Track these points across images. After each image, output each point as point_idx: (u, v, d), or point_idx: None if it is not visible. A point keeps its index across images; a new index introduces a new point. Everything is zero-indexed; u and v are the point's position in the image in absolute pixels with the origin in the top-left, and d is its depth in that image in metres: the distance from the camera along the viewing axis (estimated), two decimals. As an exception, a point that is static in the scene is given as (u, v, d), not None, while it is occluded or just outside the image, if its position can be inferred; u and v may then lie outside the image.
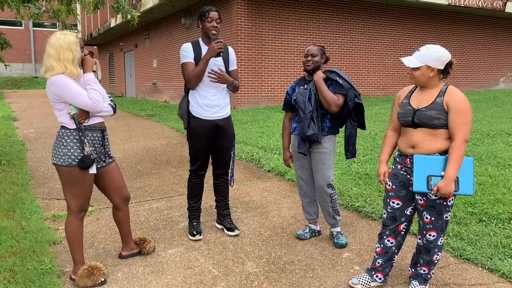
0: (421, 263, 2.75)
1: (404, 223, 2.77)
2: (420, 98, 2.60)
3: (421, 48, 2.55)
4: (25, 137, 8.31)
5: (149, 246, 3.31)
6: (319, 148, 3.37)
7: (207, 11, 3.40)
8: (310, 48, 3.40)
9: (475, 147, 6.41)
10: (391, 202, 2.75)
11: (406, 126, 2.64)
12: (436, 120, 2.48)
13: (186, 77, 3.41)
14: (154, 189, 5.04)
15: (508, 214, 3.87)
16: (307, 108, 3.28)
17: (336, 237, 3.52)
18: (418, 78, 2.55)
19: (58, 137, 2.79)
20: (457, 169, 2.42)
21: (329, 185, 3.40)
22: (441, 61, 2.50)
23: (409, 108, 2.61)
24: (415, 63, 2.53)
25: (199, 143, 3.51)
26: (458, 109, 2.44)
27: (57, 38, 2.70)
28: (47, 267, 3.04)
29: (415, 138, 2.57)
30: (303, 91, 3.36)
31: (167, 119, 10.36)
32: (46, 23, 29.51)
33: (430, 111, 2.50)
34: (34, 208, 4.26)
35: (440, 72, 2.55)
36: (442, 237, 2.66)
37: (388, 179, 2.77)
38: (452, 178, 2.41)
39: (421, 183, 2.49)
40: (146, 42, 17.46)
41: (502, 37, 15.73)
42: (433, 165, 2.48)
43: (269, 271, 3.08)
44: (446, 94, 2.51)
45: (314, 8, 11.94)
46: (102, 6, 6.86)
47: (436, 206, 2.57)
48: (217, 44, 3.30)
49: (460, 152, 2.41)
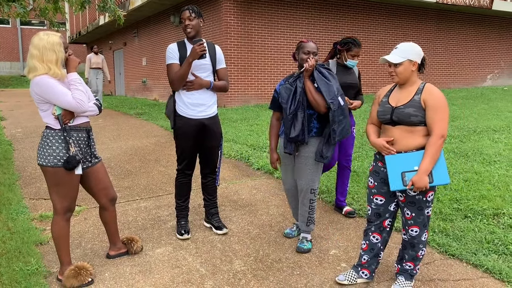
0: (406, 259, 2.79)
1: (388, 219, 2.82)
2: (398, 96, 2.67)
3: (398, 46, 2.64)
4: (13, 136, 8.23)
5: (137, 246, 3.30)
6: (305, 152, 3.24)
7: (181, 11, 3.40)
8: (311, 44, 3.17)
9: (461, 143, 6.49)
10: (374, 198, 2.80)
11: (385, 123, 2.71)
12: (414, 117, 2.54)
13: (169, 79, 3.40)
14: (142, 188, 5.03)
15: (493, 210, 3.93)
16: (289, 107, 3.11)
17: (301, 241, 3.43)
18: (401, 73, 2.61)
19: (43, 137, 2.77)
20: (432, 163, 2.49)
21: (312, 191, 3.29)
22: (419, 55, 2.61)
23: (388, 106, 2.67)
24: (397, 59, 2.61)
25: (185, 142, 3.51)
26: (435, 106, 2.51)
27: (40, 39, 2.67)
28: (33, 267, 3.03)
29: (394, 135, 2.63)
30: (287, 88, 3.17)
31: (156, 117, 10.33)
32: (34, 21, 29.21)
33: (408, 108, 2.57)
34: (21, 209, 4.23)
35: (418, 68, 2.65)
36: (426, 233, 2.71)
37: (370, 176, 2.83)
38: (425, 172, 2.49)
39: (396, 181, 2.57)
40: (135, 40, 17.36)
41: (489, 34, 15.90)
42: (405, 162, 2.56)
43: (256, 269, 3.09)
44: (423, 91, 2.58)
45: (303, 6, 11.96)
46: (88, 5, 6.81)
47: (416, 202, 2.63)
48: (199, 47, 3.26)
49: (436, 147, 2.48)
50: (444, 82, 15.03)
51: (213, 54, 3.52)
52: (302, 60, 3.18)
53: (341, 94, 3.16)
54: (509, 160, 5.51)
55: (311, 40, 3.24)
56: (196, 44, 3.27)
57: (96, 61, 12.56)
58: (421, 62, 2.65)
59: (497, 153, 5.84)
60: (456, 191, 4.44)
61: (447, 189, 4.49)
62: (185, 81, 3.37)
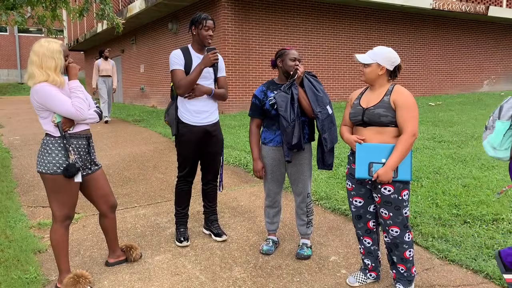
0: (396, 261, 2.81)
1: (371, 220, 2.90)
2: (369, 98, 2.76)
3: (375, 48, 2.72)
4: (10, 144, 8.21)
5: (136, 253, 3.29)
6: (300, 159, 3.26)
7: (204, 19, 3.35)
8: (295, 52, 3.18)
9: (459, 149, 6.50)
10: (353, 201, 2.89)
11: (357, 125, 2.79)
12: (384, 118, 2.62)
13: (176, 84, 3.36)
14: (141, 195, 5.01)
15: (492, 215, 3.93)
16: (289, 115, 3.06)
17: (301, 247, 3.40)
18: (367, 74, 2.72)
19: (42, 144, 2.77)
20: (399, 160, 2.57)
21: (308, 195, 3.34)
22: (390, 62, 2.69)
23: (359, 108, 2.76)
24: (367, 59, 2.70)
25: (188, 149, 3.50)
26: (405, 105, 2.60)
27: (40, 45, 2.69)
28: (32, 276, 3.01)
29: (365, 136, 2.71)
30: (283, 96, 3.10)
31: (154, 124, 10.32)
32: (31, 29, 29.22)
33: (378, 109, 2.65)
34: (19, 216, 4.21)
35: (389, 73, 2.73)
36: (409, 233, 2.74)
37: (347, 179, 2.90)
38: (391, 167, 2.57)
39: (363, 169, 2.66)
40: (133, 47, 17.39)
41: (485, 40, 16.00)
42: (374, 153, 2.64)
43: (256, 276, 3.09)
44: (392, 92, 2.67)
45: (300, 12, 12.02)
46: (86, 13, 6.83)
47: (392, 201, 2.67)
48: (213, 55, 3.30)
49: (407, 145, 2.56)
50: (441, 88, 15.10)
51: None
52: (290, 67, 3.15)
53: (330, 102, 3.20)
54: (506, 165, 5.52)
55: (292, 47, 3.23)
56: (211, 53, 3.30)
57: (105, 68, 10.79)
58: (394, 69, 2.72)
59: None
60: (455, 196, 4.45)
61: (446, 195, 4.50)
62: (192, 87, 3.37)
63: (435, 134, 7.63)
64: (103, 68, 10.71)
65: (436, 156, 6.13)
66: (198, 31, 3.38)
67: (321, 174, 5.48)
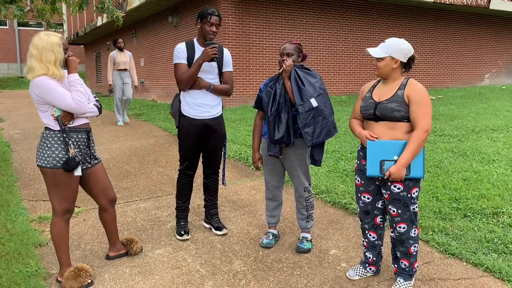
0: (399, 256, 2.80)
1: (379, 216, 2.87)
2: (381, 91, 2.67)
3: (387, 40, 2.63)
4: (11, 138, 8.21)
5: (136, 247, 3.30)
6: (293, 155, 3.24)
7: (209, 14, 3.33)
8: (286, 46, 3.18)
9: (460, 143, 6.50)
10: (362, 196, 2.85)
11: (368, 119, 2.71)
12: (397, 112, 2.55)
13: (177, 78, 3.39)
14: (141, 189, 5.02)
15: (492, 209, 3.93)
16: (270, 109, 3.10)
17: (301, 241, 3.41)
18: (381, 68, 2.63)
19: (42, 138, 2.76)
20: (412, 157, 2.51)
21: (305, 189, 3.31)
22: (404, 53, 2.59)
23: (371, 101, 2.67)
24: (380, 53, 2.61)
25: (188, 142, 3.50)
26: (419, 100, 2.52)
27: (40, 39, 2.67)
28: (32, 269, 3.02)
29: (376, 131, 2.64)
30: (268, 91, 3.16)
31: (154, 118, 10.32)
32: (31, 23, 29.14)
33: (391, 103, 2.57)
34: (19, 210, 4.22)
35: (403, 65, 2.65)
36: (415, 229, 2.71)
37: (356, 175, 2.85)
38: (404, 164, 2.51)
39: (374, 167, 2.58)
40: (133, 41, 17.34)
41: (487, 34, 15.93)
42: (385, 150, 2.57)
43: (256, 269, 3.09)
44: (406, 87, 2.59)
45: (301, 6, 11.96)
46: (86, 6, 6.80)
47: (401, 199, 2.63)
48: (211, 50, 3.26)
49: (419, 141, 2.49)
50: (442, 82, 15.06)
51: (220, 56, 3.50)
52: (279, 63, 3.19)
53: (320, 94, 3.06)
54: (507, 159, 5.52)
55: (289, 42, 3.24)
56: (209, 47, 3.27)
57: (122, 60, 9.05)
58: (408, 61, 2.64)
59: (496, 152, 5.85)
60: (455, 190, 4.44)
61: (446, 188, 4.50)
62: (193, 82, 3.37)
63: (435, 128, 7.62)
64: (119, 61, 9.05)
65: (437, 150, 6.12)
66: (202, 25, 3.37)
67: (321, 168, 5.48)
